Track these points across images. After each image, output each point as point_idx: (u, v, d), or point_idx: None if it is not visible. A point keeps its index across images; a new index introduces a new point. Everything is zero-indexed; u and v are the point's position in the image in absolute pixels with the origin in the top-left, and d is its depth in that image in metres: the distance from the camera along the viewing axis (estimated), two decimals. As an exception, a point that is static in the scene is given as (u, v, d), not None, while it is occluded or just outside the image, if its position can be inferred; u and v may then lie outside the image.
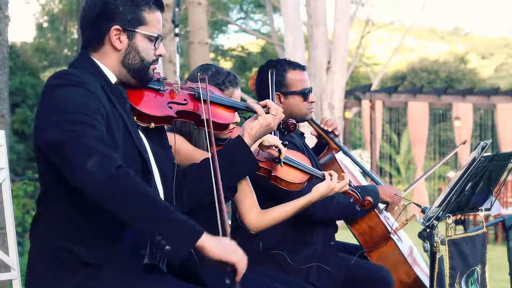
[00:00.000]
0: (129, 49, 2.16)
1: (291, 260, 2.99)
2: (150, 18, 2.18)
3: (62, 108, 1.97)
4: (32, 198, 9.80)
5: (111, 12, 2.13)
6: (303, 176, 2.71)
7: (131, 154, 2.10)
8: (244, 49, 24.64)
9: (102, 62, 2.17)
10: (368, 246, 3.35)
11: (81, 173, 1.87)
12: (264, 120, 2.39)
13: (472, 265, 2.73)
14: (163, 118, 2.23)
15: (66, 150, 1.90)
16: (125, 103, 2.17)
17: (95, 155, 1.87)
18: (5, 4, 5.37)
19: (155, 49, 2.20)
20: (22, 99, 17.02)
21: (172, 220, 1.87)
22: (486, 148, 2.57)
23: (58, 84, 2.03)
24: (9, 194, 2.48)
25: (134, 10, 2.15)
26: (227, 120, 2.38)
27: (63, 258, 2.02)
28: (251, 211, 2.77)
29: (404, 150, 18.59)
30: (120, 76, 2.19)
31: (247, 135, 2.38)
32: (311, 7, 12.32)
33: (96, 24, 2.15)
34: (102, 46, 2.17)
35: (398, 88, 15.89)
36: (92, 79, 2.09)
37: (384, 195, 3.32)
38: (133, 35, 2.16)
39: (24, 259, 2.61)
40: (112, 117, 2.06)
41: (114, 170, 1.87)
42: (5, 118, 5.40)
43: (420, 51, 40.91)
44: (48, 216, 2.08)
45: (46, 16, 23.48)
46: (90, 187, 1.88)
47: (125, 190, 1.87)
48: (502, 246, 8.78)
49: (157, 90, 2.26)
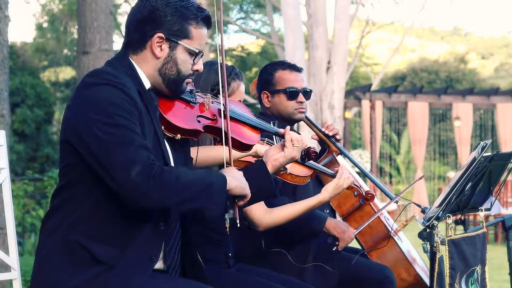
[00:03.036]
0: (168, 59, 2.16)
1: (290, 258, 2.99)
2: (195, 33, 2.17)
3: (98, 108, 1.97)
4: (32, 198, 9.80)
5: (158, 19, 2.13)
6: (308, 171, 2.73)
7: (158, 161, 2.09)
8: (244, 49, 24.64)
9: (140, 66, 2.17)
10: (368, 246, 3.35)
11: (127, 184, 1.93)
12: (290, 154, 2.35)
13: (472, 265, 2.73)
14: (190, 131, 2.22)
15: (110, 155, 1.94)
16: (156, 110, 2.17)
17: (138, 164, 1.93)
18: (5, 4, 5.37)
19: (193, 64, 2.20)
20: (22, 99, 17.02)
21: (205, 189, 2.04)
22: (486, 148, 2.57)
23: (95, 82, 2.02)
24: (9, 194, 2.48)
25: (181, 21, 2.14)
26: (251, 141, 2.36)
27: (76, 254, 2.02)
28: (258, 209, 2.79)
29: (404, 150, 18.60)
30: (155, 83, 2.19)
31: (271, 165, 2.32)
32: (311, 7, 12.31)
33: (141, 27, 2.15)
34: (143, 50, 2.16)
35: (398, 88, 15.90)
36: (130, 82, 2.08)
37: (333, 228, 3.16)
38: (175, 46, 2.16)
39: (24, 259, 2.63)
40: (146, 122, 2.07)
41: (153, 174, 1.94)
42: (5, 118, 5.39)
43: (420, 51, 40.93)
44: (65, 210, 2.07)
45: (46, 16, 23.46)
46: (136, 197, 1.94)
47: (163, 189, 1.96)
48: (502, 246, 8.78)
49: (188, 102, 2.25)
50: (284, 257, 2.99)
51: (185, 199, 2.01)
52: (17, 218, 8.49)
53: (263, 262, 2.96)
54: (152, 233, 2.09)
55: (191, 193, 2.01)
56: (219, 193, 2.06)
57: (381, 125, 15.17)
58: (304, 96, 3.24)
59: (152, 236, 2.09)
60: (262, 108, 3.31)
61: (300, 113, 3.25)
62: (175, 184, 1.98)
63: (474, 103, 15.10)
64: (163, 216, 2.11)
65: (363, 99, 14.43)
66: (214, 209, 2.08)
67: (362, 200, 2.92)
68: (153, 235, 2.10)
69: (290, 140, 2.35)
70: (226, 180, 2.08)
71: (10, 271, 2.45)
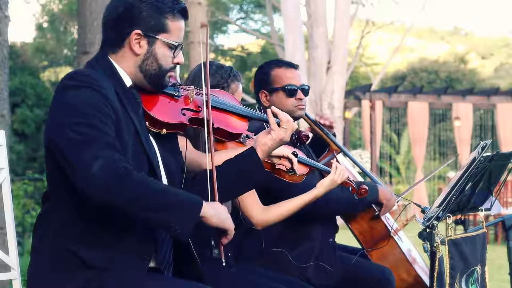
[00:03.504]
0: (148, 55, 2.15)
1: (290, 257, 2.99)
2: (173, 26, 2.16)
3: (74, 110, 1.97)
4: (32, 198, 9.79)
5: (134, 16, 2.12)
6: (305, 169, 2.73)
7: (140, 159, 2.10)
8: (244, 49, 24.64)
9: (120, 64, 2.16)
10: (368, 246, 3.35)
11: (85, 176, 1.89)
12: (277, 135, 2.33)
13: (472, 265, 2.73)
14: (175, 125, 2.21)
15: (74, 152, 1.91)
16: (138, 107, 2.16)
17: (100, 159, 1.89)
18: (5, 4, 5.37)
19: (173, 57, 2.19)
20: (22, 99, 17.01)
21: (173, 204, 1.96)
22: (486, 148, 2.57)
23: (71, 85, 2.02)
24: (9, 194, 2.48)
25: (157, 16, 2.13)
26: (239, 130, 2.34)
27: (66, 260, 2.01)
28: (255, 207, 2.79)
29: (404, 150, 18.59)
30: (136, 80, 2.18)
31: (260, 150, 2.32)
32: (311, 7, 12.32)
33: (118, 25, 2.14)
34: (122, 48, 2.16)
35: (398, 88, 15.89)
36: (106, 81, 2.08)
37: (382, 195, 3.30)
38: (153, 41, 2.15)
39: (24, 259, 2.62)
40: (123, 121, 2.06)
41: (116, 170, 1.89)
42: (5, 118, 5.40)
43: (420, 51, 40.89)
44: (53, 215, 2.08)
45: (46, 16, 23.46)
46: (94, 191, 1.89)
47: (125, 190, 1.90)
48: (502, 246, 8.77)
49: (171, 96, 2.24)
50: (284, 257, 2.99)
51: (149, 208, 1.93)
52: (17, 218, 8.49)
53: (263, 262, 2.96)
54: (142, 231, 2.07)
55: (157, 203, 1.94)
56: (188, 214, 1.98)
57: (381, 125, 15.16)
58: (302, 93, 3.24)
59: (142, 234, 2.07)
60: (261, 107, 3.31)
61: (300, 110, 3.24)
62: (139, 186, 1.92)
63: (474, 103, 15.10)
64: None
65: (363, 99, 14.42)
66: (178, 229, 1.95)
67: (356, 195, 2.92)
68: (143, 233, 2.08)
69: (274, 122, 2.34)
70: (201, 205, 2.01)
71: (10, 271, 2.45)
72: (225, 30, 24.78)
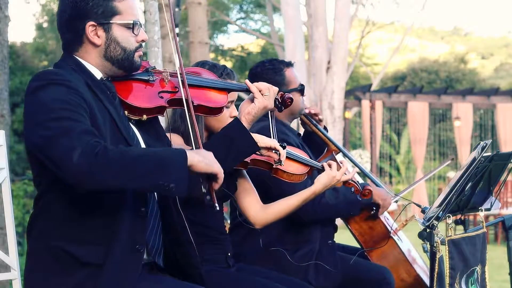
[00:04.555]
0: (109, 42, 2.14)
1: (290, 258, 2.99)
2: (123, 6, 2.15)
3: (43, 108, 1.95)
4: (32, 198, 9.81)
5: (82, 10, 2.11)
6: (304, 168, 2.73)
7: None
8: (244, 49, 24.63)
9: (86, 60, 2.16)
10: (368, 246, 3.35)
11: (70, 168, 1.86)
12: (260, 103, 2.41)
13: (472, 265, 2.73)
14: (154, 109, 2.20)
15: (52, 148, 1.89)
16: (114, 98, 2.16)
17: (78, 148, 1.86)
18: (5, 4, 5.37)
19: (135, 36, 2.18)
20: (22, 99, 17.00)
21: (159, 163, 1.91)
22: (486, 148, 2.57)
23: (39, 85, 2.01)
24: (9, 194, 2.48)
25: (104, 2, 2.12)
26: (219, 103, 2.34)
27: (60, 259, 2.01)
28: (254, 206, 2.79)
29: (404, 150, 18.59)
30: (106, 70, 2.18)
31: (244, 119, 2.40)
32: (311, 7, 12.32)
33: (71, 25, 2.14)
34: (82, 44, 2.15)
35: (398, 88, 15.89)
36: (75, 76, 2.07)
37: (377, 196, 3.30)
38: (109, 27, 2.13)
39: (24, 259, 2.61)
40: (98, 112, 2.05)
41: (95, 152, 1.86)
42: (5, 118, 5.40)
43: (420, 51, 40.91)
44: (44, 216, 2.08)
45: (46, 16, 23.46)
46: (81, 181, 1.86)
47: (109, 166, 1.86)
48: (502, 246, 8.78)
49: (146, 81, 2.23)
50: (284, 257, 2.99)
51: (136, 176, 1.89)
52: (17, 218, 8.49)
53: (263, 262, 2.95)
54: (133, 221, 2.06)
55: (142, 169, 1.89)
56: (177, 169, 1.92)
57: (381, 125, 15.17)
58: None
59: (133, 225, 2.06)
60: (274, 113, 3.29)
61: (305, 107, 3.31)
62: (120, 160, 1.88)
63: (474, 103, 15.10)
64: (142, 201, 2.09)
65: (363, 99, 14.43)
66: (173, 187, 1.90)
67: (359, 196, 2.92)
68: (134, 223, 2.07)
69: (257, 90, 2.41)
70: (186, 154, 1.95)
71: (10, 271, 2.45)
72: (225, 30, 24.79)
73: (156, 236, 2.19)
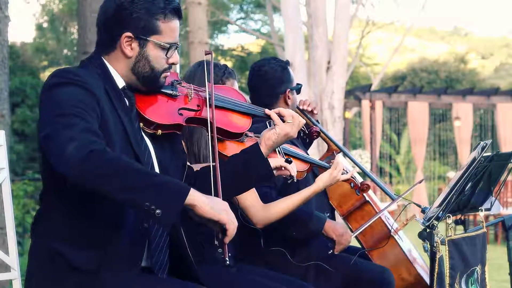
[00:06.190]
0: (140, 57, 2.11)
1: (291, 258, 2.99)
2: (164, 27, 2.11)
3: (56, 105, 1.94)
4: (32, 198, 9.79)
5: (124, 18, 2.08)
6: (305, 166, 2.73)
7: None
8: (244, 49, 24.62)
9: (113, 66, 2.13)
10: (368, 246, 3.35)
11: (61, 157, 1.83)
12: (282, 130, 2.30)
13: (472, 265, 2.73)
14: (170, 126, 2.15)
15: (53, 138, 1.86)
16: (131, 108, 2.12)
17: (76, 141, 1.83)
18: (5, 4, 5.37)
19: (167, 58, 2.15)
20: (22, 99, 17.00)
21: (156, 184, 1.82)
22: (486, 148, 2.57)
23: (57, 82, 2.00)
24: (9, 194, 2.48)
25: (147, 18, 2.08)
26: (241, 129, 2.28)
27: (56, 262, 2.00)
28: (255, 206, 2.79)
29: (404, 150, 18.59)
30: (130, 81, 2.15)
31: (264, 145, 2.29)
32: (311, 7, 12.31)
33: (109, 27, 2.11)
34: (114, 50, 2.13)
35: (398, 88, 15.90)
36: (96, 80, 2.05)
37: (332, 231, 3.14)
38: (144, 43, 2.10)
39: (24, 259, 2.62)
40: (111, 118, 2.02)
41: (90, 150, 1.82)
42: (5, 118, 5.40)
43: (420, 51, 40.89)
44: (47, 215, 2.08)
45: (46, 16, 23.45)
46: (69, 171, 1.82)
47: (101, 165, 1.81)
48: (502, 246, 8.78)
49: (170, 95, 2.19)
50: (284, 257, 2.98)
51: (123, 186, 1.80)
52: (17, 218, 8.49)
53: (263, 262, 2.95)
54: (133, 235, 2.04)
55: (133, 183, 1.80)
56: (171, 198, 1.81)
57: (381, 125, 15.17)
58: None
59: (133, 237, 2.04)
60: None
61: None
62: (115, 166, 1.81)
63: (474, 103, 15.10)
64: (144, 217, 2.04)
65: (363, 99, 14.43)
66: (159, 213, 1.78)
67: (358, 191, 2.92)
68: (134, 236, 2.04)
69: (278, 118, 2.31)
70: (188, 191, 1.85)
71: (10, 271, 2.45)
72: (225, 30, 24.77)
73: (161, 253, 2.15)
